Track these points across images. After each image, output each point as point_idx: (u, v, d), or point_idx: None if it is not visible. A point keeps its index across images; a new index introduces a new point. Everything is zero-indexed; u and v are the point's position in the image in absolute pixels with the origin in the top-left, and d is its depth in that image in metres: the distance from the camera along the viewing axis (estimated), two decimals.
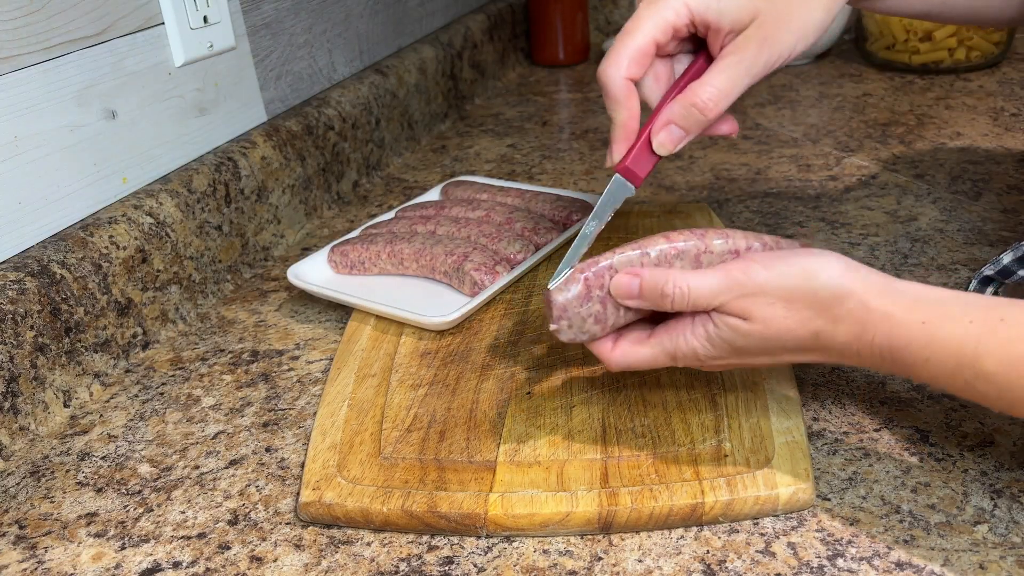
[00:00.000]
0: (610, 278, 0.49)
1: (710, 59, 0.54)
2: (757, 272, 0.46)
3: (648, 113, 0.54)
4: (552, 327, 0.50)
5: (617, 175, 0.55)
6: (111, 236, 0.68)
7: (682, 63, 0.56)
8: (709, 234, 0.50)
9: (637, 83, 0.53)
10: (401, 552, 0.50)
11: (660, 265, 0.49)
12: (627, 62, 0.52)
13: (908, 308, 0.44)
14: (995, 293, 0.59)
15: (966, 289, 0.59)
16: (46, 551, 0.52)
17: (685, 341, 0.48)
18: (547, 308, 0.50)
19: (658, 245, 0.50)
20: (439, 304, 0.69)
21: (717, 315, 0.47)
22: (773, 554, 0.47)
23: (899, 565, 0.46)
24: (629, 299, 0.49)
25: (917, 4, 0.67)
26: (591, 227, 0.54)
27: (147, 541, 0.52)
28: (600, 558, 0.48)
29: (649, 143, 0.53)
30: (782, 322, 0.46)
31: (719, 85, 0.51)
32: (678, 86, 0.55)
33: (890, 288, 0.45)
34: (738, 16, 0.50)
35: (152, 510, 0.54)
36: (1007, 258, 0.58)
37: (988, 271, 0.59)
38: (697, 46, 0.55)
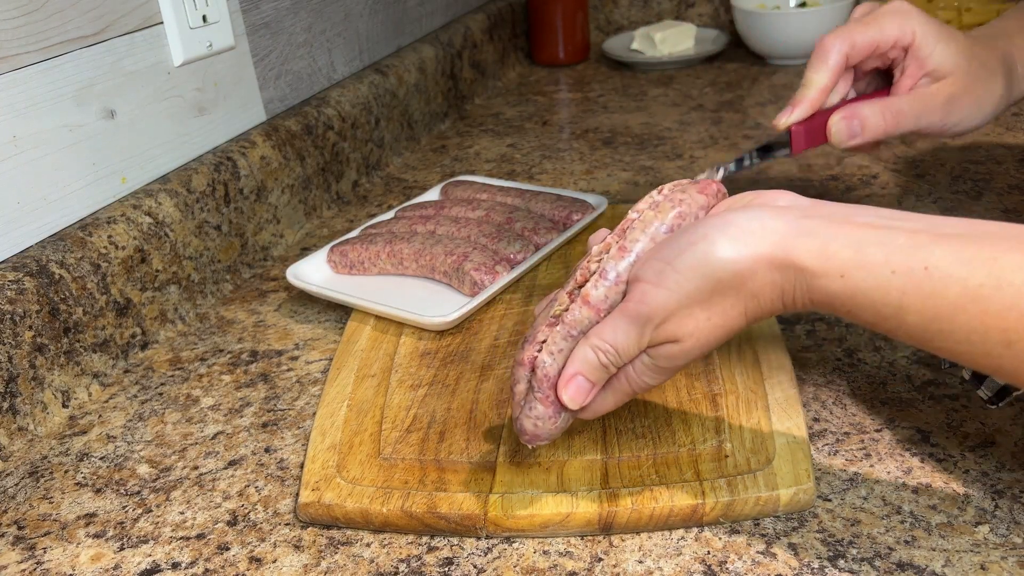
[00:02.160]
0: (554, 381, 0.46)
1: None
2: (653, 296, 0.43)
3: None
4: (530, 448, 0.51)
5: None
6: (110, 236, 0.68)
7: (849, 90, 0.64)
8: (620, 271, 0.46)
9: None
10: (401, 553, 0.50)
11: (580, 330, 0.47)
12: (850, 43, 0.58)
13: (821, 256, 0.40)
14: None
15: None
16: (45, 552, 0.52)
17: (636, 378, 0.47)
18: (520, 432, 0.48)
19: (580, 313, 0.46)
20: (439, 304, 0.69)
21: (651, 348, 0.45)
22: (774, 555, 0.47)
23: (900, 566, 0.45)
24: (590, 395, 0.47)
25: None
26: (732, 168, 0.59)
27: (146, 542, 0.52)
28: (600, 559, 0.48)
29: (823, 126, 0.60)
30: (707, 324, 0.44)
31: (908, 111, 0.58)
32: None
33: (798, 232, 0.41)
34: (942, 63, 0.58)
35: (151, 511, 0.54)
36: None
37: None
38: (872, 84, 0.64)
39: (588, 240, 0.50)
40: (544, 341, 0.47)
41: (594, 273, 0.46)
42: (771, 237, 0.42)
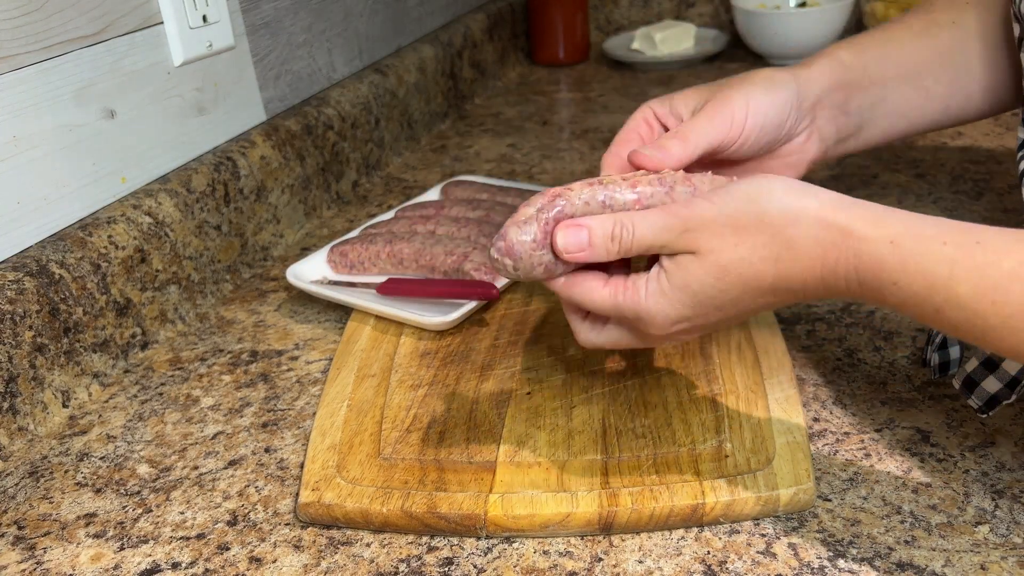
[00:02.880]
0: (561, 218, 0.46)
1: None
2: (699, 205, 0.44)
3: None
4: (495, 256, 0.46)
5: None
6: (110, 236, 0.68)
7: None
8: (677, 188, 0.47)
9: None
10: (401, 553, 0.50)
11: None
12: (616, 146, 0.59)
13: (873, 223, 0.41)
14: None
15: None
16: (45, 552, 0.52)
17: (643, 305, 0.46)
18: (498, 239, 0.46)
19: (621, 193, 0.47)
20: (439, 304, 0.69)
21: (666, 259, 0.45)
22: (774, 555, 0.47)
23: (900, 566, 0.45)
24: (580, 252, 0.46)
25: (899, 125, 0.65)
26: None
27: (146, 542, 0.52)
28: (600, 559, 0.48)
29: None
30: (734, 251, 0.43)
31: (685, 135, 0.56)
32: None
33: (850, 202, 0.42)
34: (694, 107, 0.57)
35: (151, 511, 0.54)
36: None
37: None
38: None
39: None
40: (574, 191, 0.47)
41: (655, 176, 0.47)
42: (826, 202, 0.42)
